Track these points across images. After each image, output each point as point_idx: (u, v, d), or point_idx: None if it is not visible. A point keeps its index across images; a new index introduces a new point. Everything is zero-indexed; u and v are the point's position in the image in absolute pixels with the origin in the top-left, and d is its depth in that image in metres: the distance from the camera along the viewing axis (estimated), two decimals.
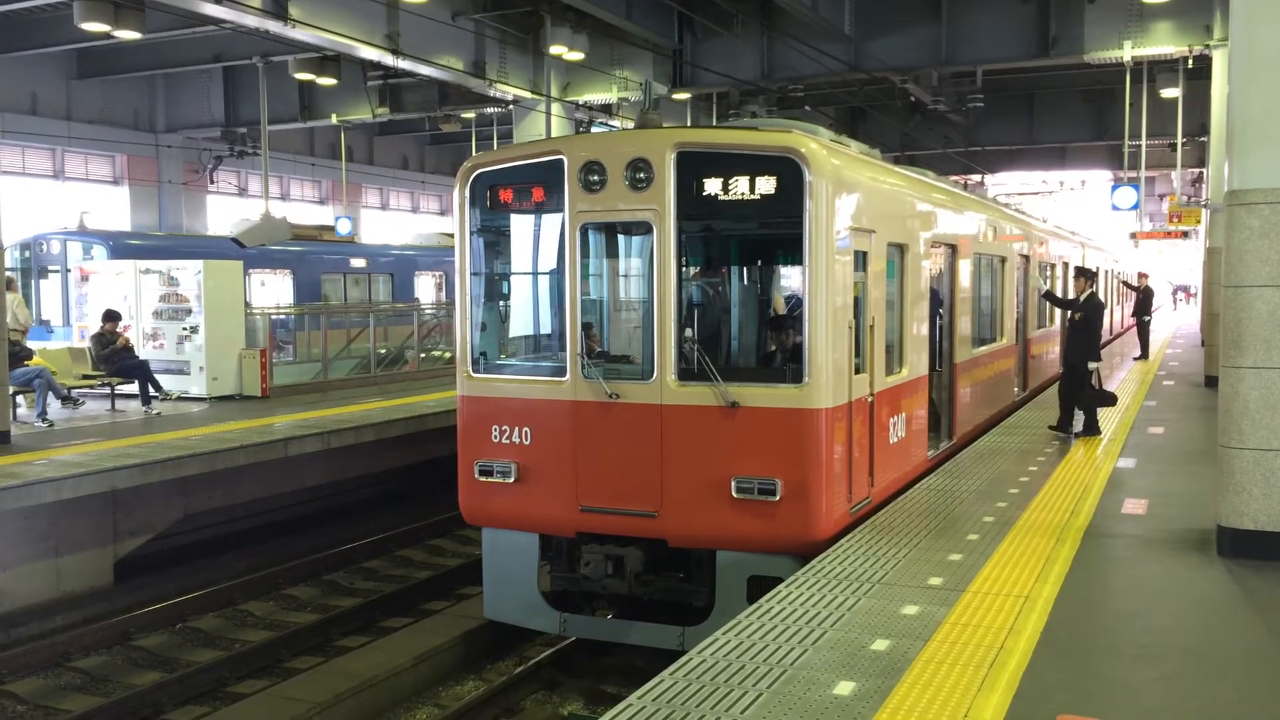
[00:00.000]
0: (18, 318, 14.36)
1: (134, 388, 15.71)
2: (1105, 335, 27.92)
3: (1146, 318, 25.18)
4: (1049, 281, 19.02)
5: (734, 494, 8.30)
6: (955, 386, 12.39)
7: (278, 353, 19.56)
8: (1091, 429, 12.93)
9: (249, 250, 22.00)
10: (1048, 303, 16.66)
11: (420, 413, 15.53)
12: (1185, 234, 27.56)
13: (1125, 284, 31.30)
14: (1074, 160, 36.43)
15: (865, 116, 30.26)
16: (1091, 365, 12.66)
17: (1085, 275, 13.20)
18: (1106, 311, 28.02)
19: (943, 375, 12.04)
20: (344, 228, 29.75)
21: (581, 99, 23.39)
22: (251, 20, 16.80)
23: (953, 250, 12.26)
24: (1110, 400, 13.33)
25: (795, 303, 9.27)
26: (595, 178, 8.71)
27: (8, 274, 16.56)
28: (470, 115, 27.74)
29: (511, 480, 9.04)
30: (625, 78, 22.51)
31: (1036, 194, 41.86)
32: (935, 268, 11.62)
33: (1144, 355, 24.05)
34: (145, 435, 13.36)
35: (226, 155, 30.57)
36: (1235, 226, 7.54)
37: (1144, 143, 25.36)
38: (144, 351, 16.66)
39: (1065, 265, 21.55)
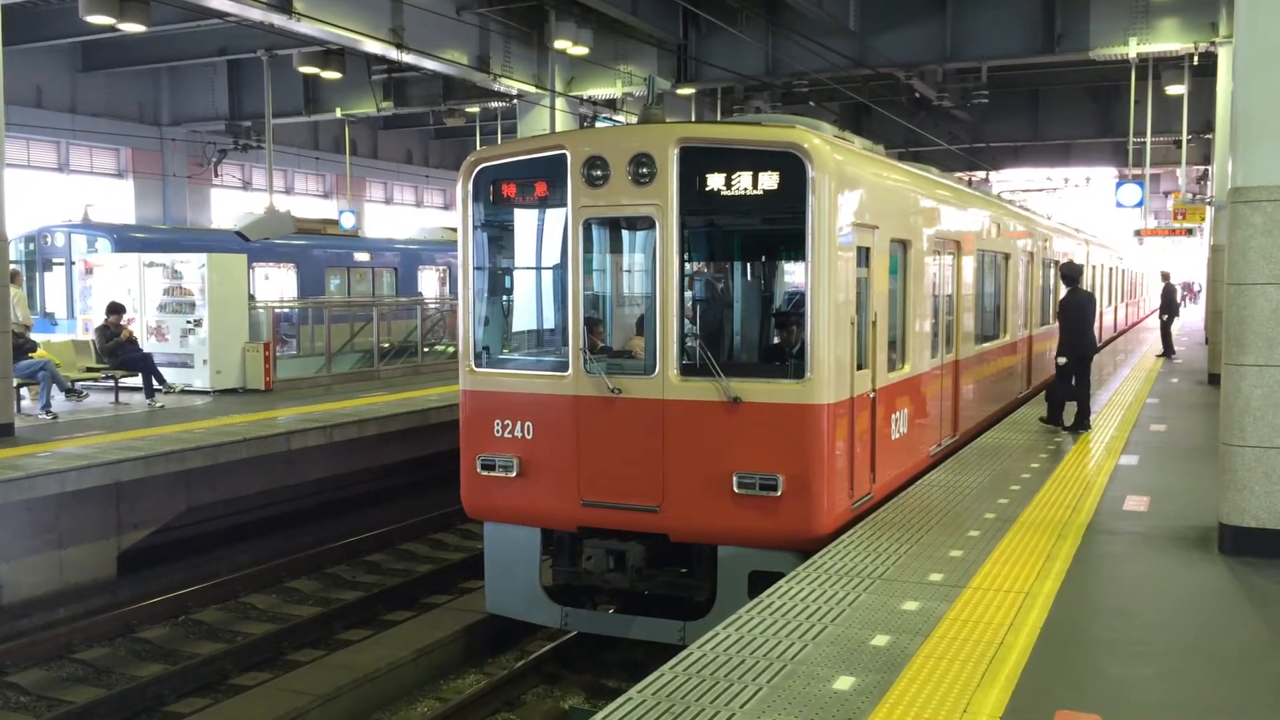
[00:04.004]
0: (17, 314, 14.36)
1: (138, 381, 15.74)
2: (1109, 332, 27.99)
3: (1166, 316, 25.22)
4: (1053, 279, 19.02)
5: (735, 489, 8.30)
6: (959, 383, 12.39)
7: (281, 346, 19.58)
8: (1055, 420, 13.16)
9: (253, 244, 22.00)
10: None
11: (423, 407, 15.56)
12: (1190, 231, 27.48)
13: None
14: (1079, 157, 36.33)
15: (870, 113, 30.17)
16: (1060, 360, 12.90)
17: (1068, 278, 13.28)
18: (1110, 309, 28.09)
19: (947, 372, 12.04)
20: (348, 222, 29.76)
21: (586, 94, 23.36)
22: (256, 14, 16.79)
23: (956, 247, 12.25)
24: (1071, 395, 13.30)
25: (798, 299, 9.27)
26: (598, 172, 8.71)
27: (12, 267, 16.59)
28: (474, 110, 27.71)
29: (513, 474, 9.05)
30: (630, 73, 22.49)
31: (1041, 191, 41.72)
32: (938, 264, 11.61)
33: (1167, 354, 24.03)
34: (149, 428, 13.39)
35: (231, 149, 30.51)
36: (1238, 223, 7.54)
37: (1149, 140, 25.27)
38: (148, 345, 16.69)
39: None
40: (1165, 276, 26.42)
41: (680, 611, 8.86)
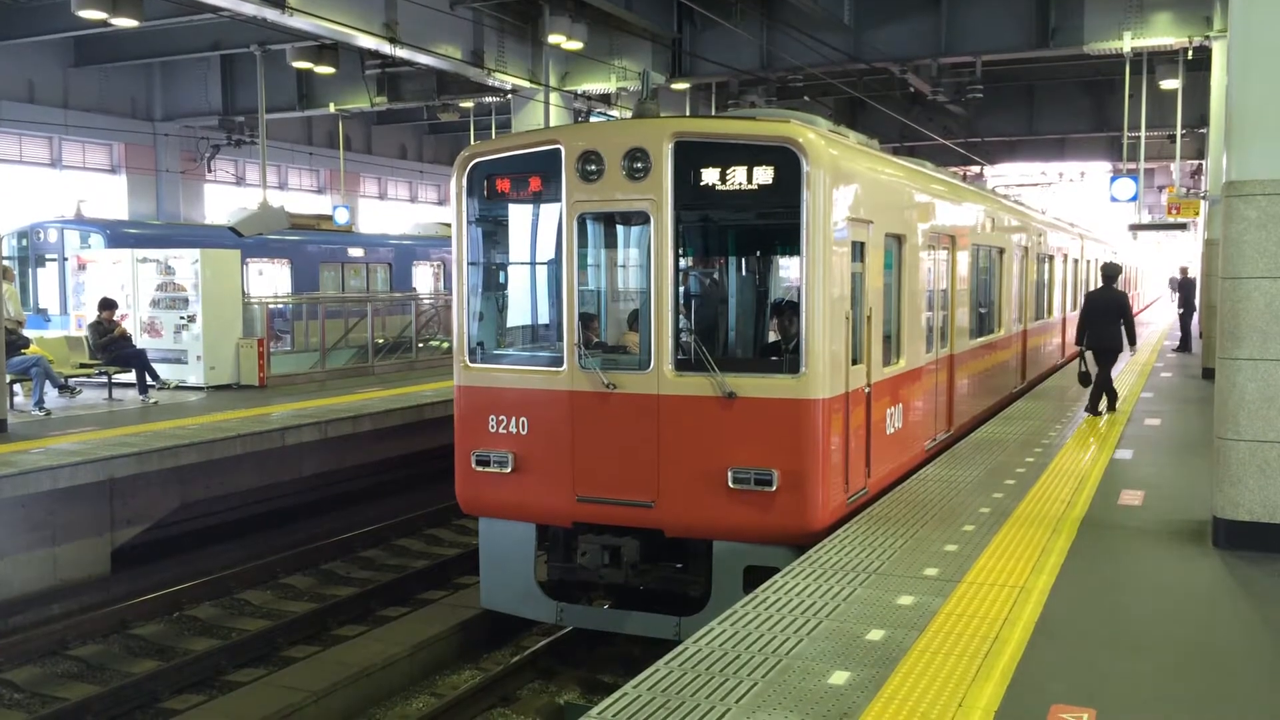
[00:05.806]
0: (9, 310, 14.32)
1: (131, 377, 15.71)
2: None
3: (1183, 311, 25.34)
4: (1048, 274, 19.02)
5: (730, 484, 8.30)
6: (954, 377, 12.39)
7: (275, 342, 19.54)
8: (1093, 408, 13.88)
9: (246, 239, 21.93)
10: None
11: (418, 403, 15.54)
12: (1184, 226, 27.49)
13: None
14: (1073, 152, 36.33)
15: (864, 107, 30.16)
16: (1077, 346, 13.86)
17: (1105, 276, 13.76)
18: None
19: (941, 366, 12.05)
20: (342, 217, 29.71)
21: (580, 89, 23.31)
22: (249, 8, 16.72)
23: (951, 241, 12.25)
24: (1086, 381, 14.13)
25: (793, 293, 9.26)
26: (593, 167, 8.69)
27: (5, 263, 16.54)
28: (469, 105, 27.65)
29: (508, 470, 9.04)
30: (624, 67, 22.45)
31: (1036, 185, 41.73)
32: (933, 259, 11.61)
33: (1184, 348, 24.10)
34: (142, 424, 13.35)
35: (224, 144, 30.47)
36: (1232, 218, 7.54)
37: (1143, 134, 25.28)
38: (141, 340, 16.65)
39: (1065, 257, 21.54)
40: (1184, 271, 26.40)
41: (676, 607, 8.86)
